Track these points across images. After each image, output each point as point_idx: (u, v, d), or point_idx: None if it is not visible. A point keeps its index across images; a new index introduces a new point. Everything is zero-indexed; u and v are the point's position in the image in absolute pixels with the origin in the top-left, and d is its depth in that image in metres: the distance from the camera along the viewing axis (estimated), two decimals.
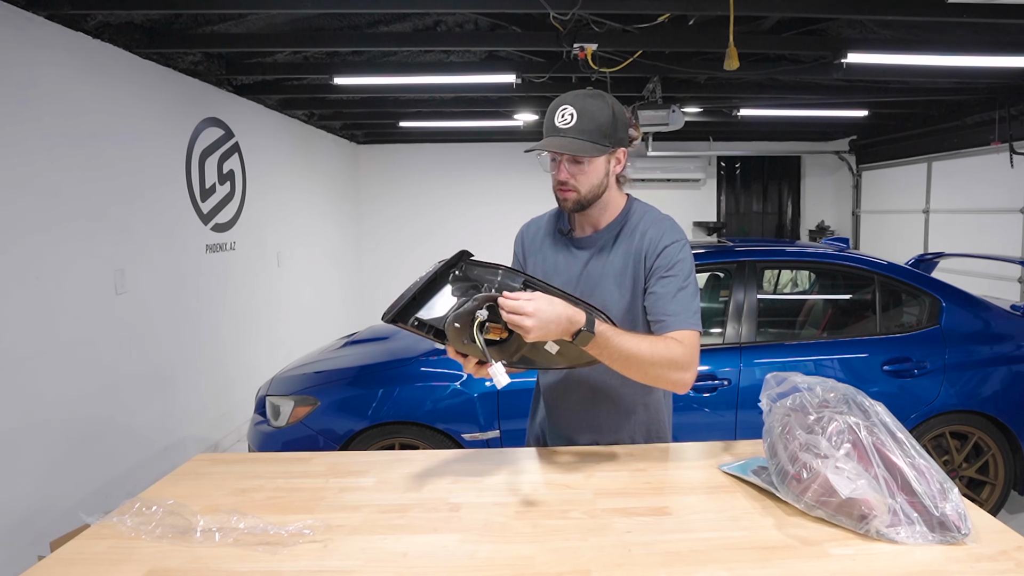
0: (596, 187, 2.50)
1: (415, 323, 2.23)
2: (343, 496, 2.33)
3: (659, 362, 2.32)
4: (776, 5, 5.20)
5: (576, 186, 2.46)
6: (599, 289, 2.58)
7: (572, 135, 2.37)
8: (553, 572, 1.83)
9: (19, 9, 4.72)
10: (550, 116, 2.42)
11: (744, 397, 5.00)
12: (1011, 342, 5.27)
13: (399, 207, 13.11)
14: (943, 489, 1.98)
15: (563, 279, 2.60)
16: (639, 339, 2.32)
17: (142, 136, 6.07)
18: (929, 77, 7.43)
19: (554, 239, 2.72)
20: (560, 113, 2.39)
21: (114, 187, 5.68)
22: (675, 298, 2.44)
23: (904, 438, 2.07)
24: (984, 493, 5.35)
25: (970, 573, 1.79)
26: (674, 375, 2.37)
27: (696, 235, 13.00)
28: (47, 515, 4.90)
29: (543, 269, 2.69)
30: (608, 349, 2.25)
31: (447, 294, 2.28)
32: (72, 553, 1.97)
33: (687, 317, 2.42)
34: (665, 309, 2.43)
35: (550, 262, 2.69)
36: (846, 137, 12.58)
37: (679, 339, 2.38)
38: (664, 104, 7.79)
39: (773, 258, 5.80)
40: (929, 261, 6.66)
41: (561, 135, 2.38)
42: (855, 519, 1.98)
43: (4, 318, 4.57)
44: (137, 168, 5.98)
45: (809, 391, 2.25)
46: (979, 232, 8.92)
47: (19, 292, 4.67)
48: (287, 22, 6.21)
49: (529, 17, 6.10)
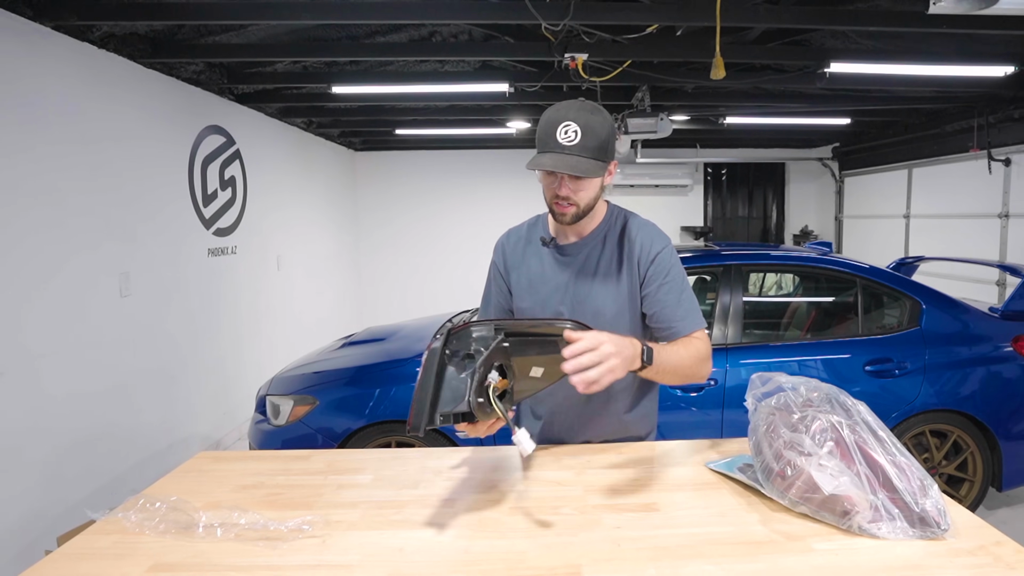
0: (593, 200, 2.50)
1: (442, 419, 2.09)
2: (341, 493, 2.32)
3: (694, 363, 2.43)
4: (761, 16, 5.22)
5: (576, 201, 2.44)
6: (591, 295, 2.58)
7: (577, 152, 2.32)
8: (545, 566, 1.83)
9: (27, 20, 4.73)
10: (550, 129, 2.34)
11: (730, 397, 5.00)
12: (989, 343, 5.28)
13: (395, 212, 13.11)
14: (923, 486, 1.99)
15: (551, 287, 2.61)
16: (673, 348, 2.40)
17: (146, 143, 6.07)
18: (909, 86, 7.46)
19: (536, 248, 2.69)
20: (563, 129, 2.32)
21: (119, 193, 5.68)
22: (680, 304, 2.50)
23: (885, 436, 2.07)
24: (963, 490, 5.36)
25: (949, 568, 1.79)
26: (703, 370, 2.48)
27: (683, 239, 13.03)
28: (54, 511, 4.91)
29: (528, 279, 2.67)
30: (659, 365, 2.27)
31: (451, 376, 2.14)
32: (78, 548, 1.96)
33: (695, 318, 2.50)
34: (674, 316, 2.48)
35: (535, 271, 2.66)
36: (829, 144, 12.62)
37: (697, 337, 2.47)
38: (652, 112, 7.80)
39: (758, 262, 5.80)
40: (910, 265, 6.69)
41: (566, 152, 2.32)
42: (838, 515, 1.98)
43: (13, 320, 4.58)
44: (141, 174, 5.99)
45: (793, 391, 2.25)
46: (958, 236, 8.95)
47: (27, 294, 4.68)
48: (287, 32, 6.22)
49: (521, 28, 6.10)
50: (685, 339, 2.46)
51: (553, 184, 2.44)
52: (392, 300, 12.97)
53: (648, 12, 5.14)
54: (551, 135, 2.34)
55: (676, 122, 9.38)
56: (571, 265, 2.62)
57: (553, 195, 2.46)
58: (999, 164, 8.01)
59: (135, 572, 1.83)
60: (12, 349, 4.57)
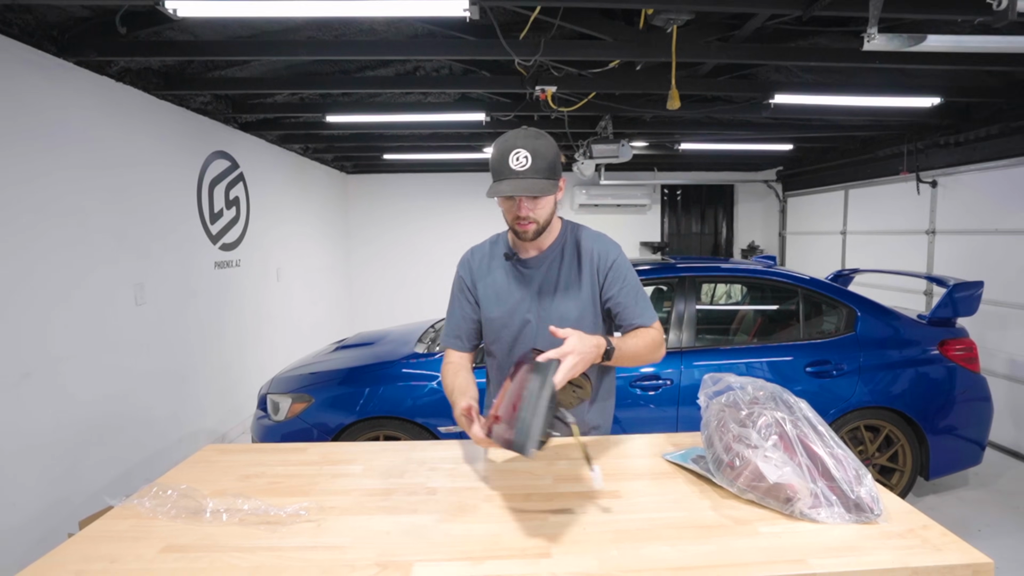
0: (550, 215, 2.54)
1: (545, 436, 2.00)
2: (334, 482, 2.33)
3: (650, 350, 2.56)
4: (712, 53, 5.24)
5: (535, 218, 2.48)
6: (556, 301, 2.62)
7: (531, 175, 2.36)
8: (518, 548, 1.85)
9: (52, 56, 4.74)
10: (503, 158, 2.39)
11: (684, 395, 5.02)
12: (917, 347, 5.31)
13: (383, 229, 13.04)
14: (858, 475, 2.02)
15: (517, 298, 2.64)
16: (630, 339, 2.53)
17: (159, 167, 6.04)
18: (846, 115, 7.50)
19: (501, 263, 2.71)
20: (515, 156, 2.36)
21: (135, 212, 5.66)
22: (636, 303, 2.62)
23: (824, 431, 2.11)
24: (894, 479, 5.39)
25: (882, 549, 1.83)
26: (658, 354, 2.61)
27: (642, 254, 13.00)
28: (76, 498, 4.90)
29: (495, 291, 2.69)
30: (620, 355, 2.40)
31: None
32: (98, 531, 1.97)
33: (650, 312, 2.64)
34: (633, 313, 2.61)
35: (501, 284, 2.68)
36: (773, 168, 12.64)
37: (654, 327, 2.61)
38: (615, 139, 7.82)
39: (710, 274, 5.81)
40: (846, 276, 6.72)
41: (521, 176, 2.36)
42: (781, 501, 2.01)
43: (39, 326, 4.58)
44: (155, 195, 5.96)
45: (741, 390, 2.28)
46: (889, 251, 8.99)
47: (52, 304, 4.67)
48: (285, 67, 6.21)
49: (497, 63, 6.12)
50: (643, 330, 2.58)
51: (513, 207, 2.48)
52: (380, 308, 12.88)
53: (611, 49, 5.16)
54: (504, 163, 2.38)
55: (636, 148, 9.40)
56: (535, 277, 2.66)
57: (514, 216, 2.50)
58: (926, 186, 8.07)
59: (149, 553, 1.83)
60: (38, 353, 4.57)
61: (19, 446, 4.41)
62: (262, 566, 1.76)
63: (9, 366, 4.34)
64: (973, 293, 5.41)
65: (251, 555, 1.82)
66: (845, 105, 6.83)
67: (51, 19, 4.63)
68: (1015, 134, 6.70)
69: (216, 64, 6.04)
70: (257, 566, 1.76)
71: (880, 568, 1.74)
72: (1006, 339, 6.90)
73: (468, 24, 5.19)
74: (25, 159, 4.48)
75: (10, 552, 4.28)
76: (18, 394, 4.40)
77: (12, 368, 4.36)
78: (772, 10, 4.24)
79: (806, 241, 11.89)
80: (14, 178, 4.39)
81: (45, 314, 4.65)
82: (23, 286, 4.45)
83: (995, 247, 7.02)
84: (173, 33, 5.14)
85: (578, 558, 1.79)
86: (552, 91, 5.92)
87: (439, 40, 5.44)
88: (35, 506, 4.52)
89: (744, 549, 1.84)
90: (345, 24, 5.36)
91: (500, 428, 2.04)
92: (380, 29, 5.48)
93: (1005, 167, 6.89)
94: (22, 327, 4.45)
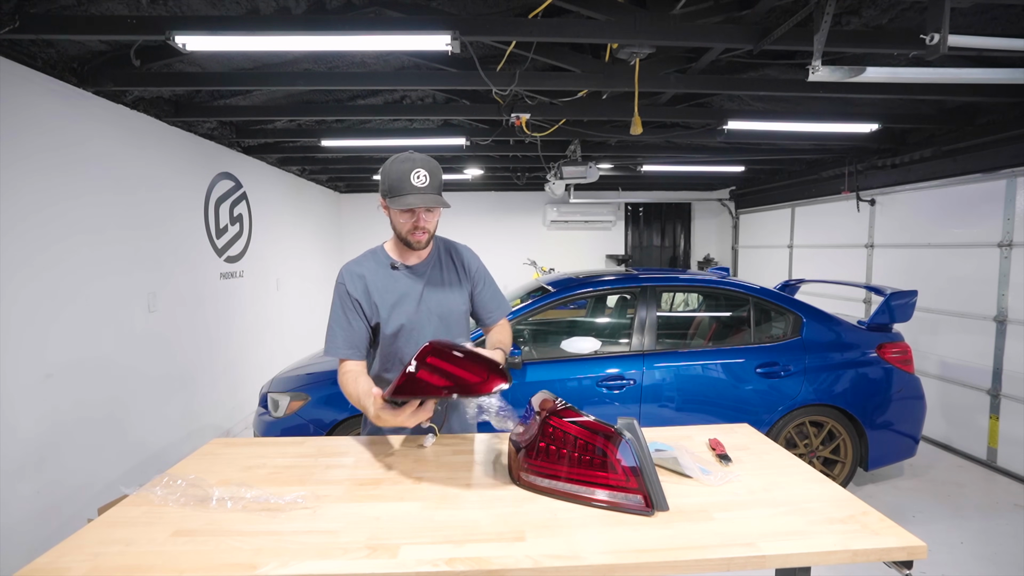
0: (436, 226, 2.74)
1: None
2: (329, 472, 2.34)
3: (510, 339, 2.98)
4: (671, 83, 5.27)
5: (430, 229, 2.68)
6: (443, 301, 2.80)
7: (432, 191, 2.55)
8: (495, 532, 1.87)
9: (73, 86, 4.78)
10: (404, 176, 2.52)
11: (647, 393, 5.03)
12: (857, 350, 5.34)
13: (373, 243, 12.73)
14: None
15: (413, 301, 2.74)
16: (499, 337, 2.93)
17: (169, 186, 6.03)
18: (793, 140, 7.53)
19: (389, 272, 2.77)
20: (415, 174, 2.51)
21: (148, 227, 5.66)
22: (495, 299, 2.99)
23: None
24: (836, 469, 5.42)
25: (826, 533, 1.86)
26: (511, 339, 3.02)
27: (608, 265, 13.04)
28: (95, 487, 4.93)
29: (393, 297, 2.71)
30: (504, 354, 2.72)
31: None
32: (114, 517, 1.97)
33: (506, 307, 3.04)
34: (495, 307, 2.99)
35: (396, 290, 2.73)
36: (727, 187, 12.70)
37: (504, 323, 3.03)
38: (583, 161, 7.83)
39: (669, 283, 5.78)
40: (793, 286, 6.77)
41: (425, 192, 2.53)
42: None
43: (61, 332, 4.58)
44: (165, 212, 5.95)
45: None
46: (832, 263, 9.03)
47: (71, 310, 4.67)
48: (284, 97, 6.20)
49: (476, 93, 6.14)
50: (503, 322, 3.01)
51: (411, 219, 2.63)
52: None
53: (579, 80, 5.18)
54: (407, 180, 2.52)
55: (602, 169, 9.48)
56: (421, 281, 2.78)
57: (412, 227, 2.64)
58: (866, 204, 8.12)
59: (161, 537, 1.84)
60: (60, 356, 4.58)
61: (44, 440, 4.42)
62: (263, 549, 1.77)
63: (34, 368, 4.35)
64: (908, 301, 5.46)
65: (253, 539, 1.82)
66: (792, 131, 6.87)
67: (72, 53, 4.64)
68: (946, 157, 6.78)
69: (221, 93, 6.05)
70: (259, 549, 1.77)
71: (823, 550, 1.78)
72: (937, 343, 6.96)
73: (450, 58, 5.25)
74: (49, 181, 4.48)
75: (36, 534, 4.29)
76: (42, 392, 4.42)
77: (37, 369, 4.38)
78: (726, 44, 4.28)
79: (757, 254, 11.93)
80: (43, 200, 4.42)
81: (67, 321, 4.66)
82: (49, 296, 4.47)
83: (927, 259, 7.09)
84: (182, 65, 5.16)
85: (549, 541, 1.82)
86: (526, 118, 5.95)
87: (424, 72, 5.47)
88: (57, 494, 4.54)
89: (700, 533, 1.87)
90: (338, 58, 5.39)
91: None
92: (370, 62, 5.52)
93: (937, 187, 6.96)
94: (48, 332, 4.48)
